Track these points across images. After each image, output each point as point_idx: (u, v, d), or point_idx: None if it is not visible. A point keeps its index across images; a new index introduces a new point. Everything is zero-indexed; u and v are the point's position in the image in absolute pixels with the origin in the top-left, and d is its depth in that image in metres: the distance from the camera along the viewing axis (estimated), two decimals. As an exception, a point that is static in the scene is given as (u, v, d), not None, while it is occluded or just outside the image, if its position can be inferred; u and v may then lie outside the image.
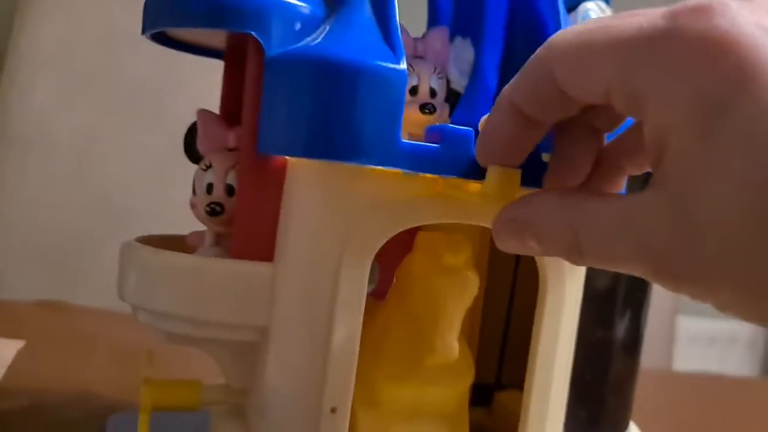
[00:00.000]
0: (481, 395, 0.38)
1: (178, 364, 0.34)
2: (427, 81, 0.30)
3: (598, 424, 0.33)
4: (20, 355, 0.49)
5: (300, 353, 0.27)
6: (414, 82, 0.29)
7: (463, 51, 0.30)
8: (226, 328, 0.27)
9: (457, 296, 0.28)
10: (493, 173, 0.24)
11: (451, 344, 0.28)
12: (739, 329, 1.41)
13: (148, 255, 0.28)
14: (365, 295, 0.26)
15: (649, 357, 1.09)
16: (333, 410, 0.26)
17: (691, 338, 1.31)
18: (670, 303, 1.13)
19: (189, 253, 0.29)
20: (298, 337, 0.27)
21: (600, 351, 0.33)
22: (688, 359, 1.17)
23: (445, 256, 0.28)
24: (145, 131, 0.80)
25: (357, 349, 0.26)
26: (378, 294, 0.31)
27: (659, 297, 1.16)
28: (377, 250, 0.26)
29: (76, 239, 0.77)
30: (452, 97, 0.30)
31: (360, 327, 0.26)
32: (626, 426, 0.35)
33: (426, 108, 0.29)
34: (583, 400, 0.33)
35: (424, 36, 0.31)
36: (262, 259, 0.27)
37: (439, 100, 0.30)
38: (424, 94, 0.29)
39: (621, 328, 0.34)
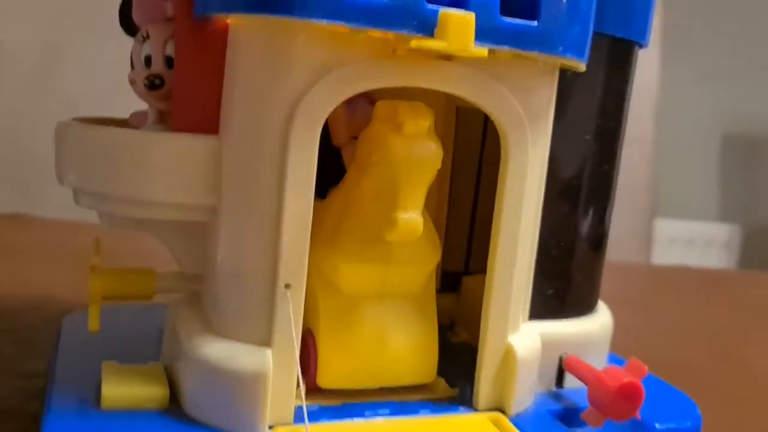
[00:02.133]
0: (451, 283, 0.38)
1: (130, 259, 0.32)
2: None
3: (564, 302, 0.33)
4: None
5: (251, 230, 0.25)
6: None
7: None
8: (171, 208, 0.26)
9: (419, 167, 0.26)
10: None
11: (413, 219, 0.26)
12: (717, 231, 1.43)
13: (85, 132, 0.26)
14: (316, 164, 0.25)
15: (626, 255, 1.10)
16: (287, 286, 0.25)
17: (669, 240, 1.33)
18: (647, 204, 1.13)
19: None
20: (249, 214, 0.25)
21: (566, 226, 0.32)
22: (666, 260, 1.18)
23: (405, 125, 0.26)
24: (107, 39, 0.77)
25: (310, 221, 0.25)
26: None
27: (637, 198, 1.16)
28: (326, 117, 0.24)
29: (41, 152, 0.75)
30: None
31: (312, 198, 0.25)
32: (594, 304, 0.35)
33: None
34: (550, 278, 0.32)
35: None
36: (205, 133, 0.25)
37: None
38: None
39: (588, 209, 0.33)
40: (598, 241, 0.34)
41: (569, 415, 0.30)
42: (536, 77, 0.28)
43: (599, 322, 0.34)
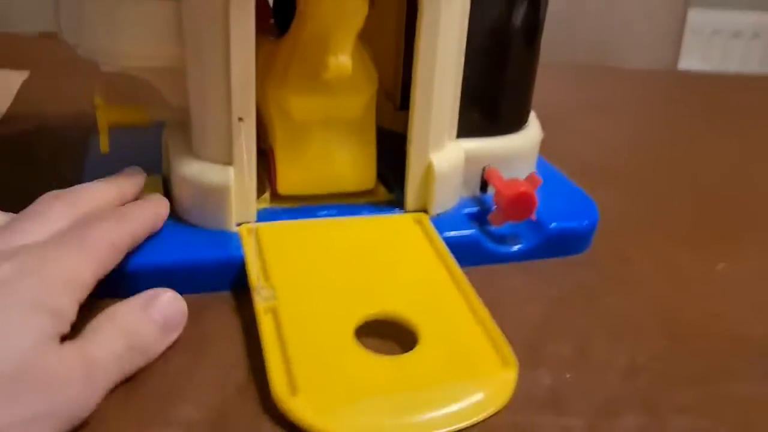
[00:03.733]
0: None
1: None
2: None
3: (490, 123, 0.39)
4: (25, 85, 0.56)
5: (208, 77, 0.32)
6: None
7: None
8: (147, 58, 0.33)
9: (344, 18, 0.32)
10: None
11: (341, 62, 0.32)
12: (744, 20, 1.38)
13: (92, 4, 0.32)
14: (254, 14, 0.30)
15: (654, 55, 1.11)
16: (240, 119, 0.32)
17: (694, 31, 1.30)
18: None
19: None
20: (205, 63, 0.32)
21: (494, 50, 0.37)
22: (692, 54, 1.18)
23: None
24: None
25: (253, 69, 0.31)
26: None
27: None
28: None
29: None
30: None
31: (253, 45, 0.31)
32: (522, 123, 0.41)
33: None
34: (476, 103, 0.38)
35: None
36: (168, -3, 0.31)
37: None
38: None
39: (517, 18, 0.37)
40: (525, 70, 0.39)
41: (481, 216, 0.37)
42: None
43: (525, 138, 0.40)
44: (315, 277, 0.32)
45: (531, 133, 0.41)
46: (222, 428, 0.25)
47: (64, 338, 0.24)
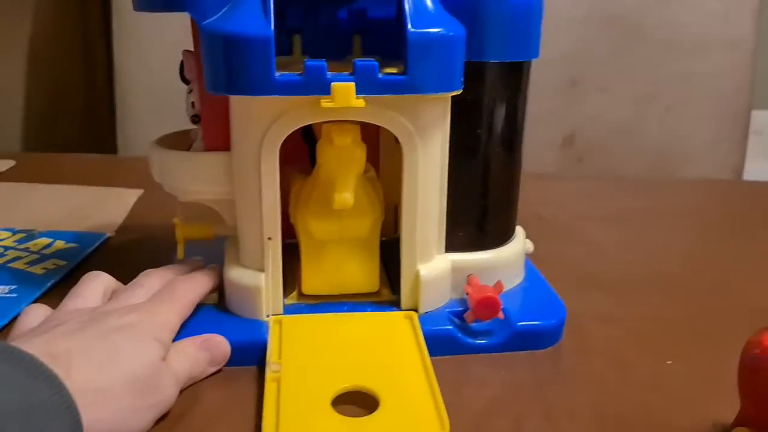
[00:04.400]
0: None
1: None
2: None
3: (475, 241, 0.48)
4: (139, 201, 0.71)
5: (248, 205, 0.44)
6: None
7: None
8: (209, 193, 0.45)
9: (345, 165, 0.43)
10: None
11: (344, 198, 0.43)
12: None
13: (159, 154, 0.46)
14: (278, 168, 0.42)
15: (720, 161, 1.16)
16: (270, 239, 0.44)
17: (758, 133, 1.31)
18: (743, 98, 1.14)
19: (191, 144, 0.47)
20: (246, 196, 0.44)
21: (469, 180, 0.47)
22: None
23: (335, 139, 0.42)
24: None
25: (278, 199, 0.43)
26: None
27: (730, 93, 1.17)
28: (282, 142, 0.42)
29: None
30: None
31: (278, 188, 0.43)
32: (506, 239, 0.50)
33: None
34: (461, 225, 0.47)
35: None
36: (222, 149, 0.44)
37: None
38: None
39: (495, 145, 0.47)
40: (506, 194, 0.49)
41: (461, 314, 0.46)
42: (425, 102, 0.43)
43: (509, 251, 0.49)
44: (315, 356, 0.42)
45: (514, 246, 0.50)
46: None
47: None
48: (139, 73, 1.09)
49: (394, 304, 0.47)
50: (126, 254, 0.60)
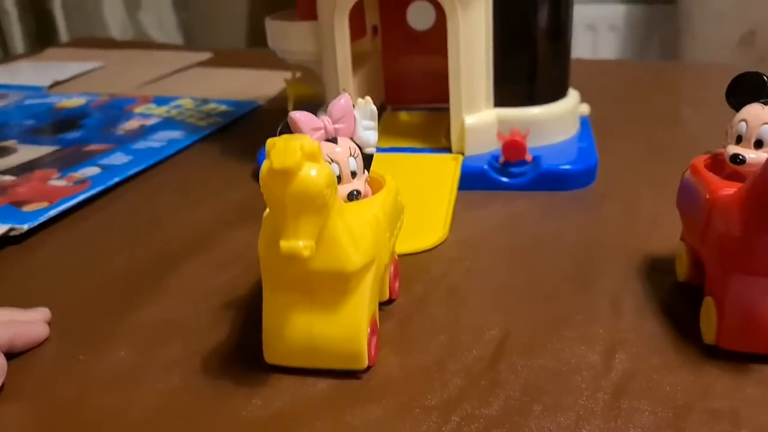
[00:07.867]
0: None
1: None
2: (347, 167, 0.33)
3: (524, 95, 0.55)
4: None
5: (329, 63, 0.56)
6: (336, 172, 0.32)
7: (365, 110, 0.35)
8: (304, 53, 0.58)
9: (290, 199, 0.27)
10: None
11: (292, 248, 0.28)
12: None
13: (270, 24, 0.59)
14: (348, 32, 0.53)
15: None
16: (344, 90, 0.55)
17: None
18: None
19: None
20: (328, 55, 0.56)
21: (516, 35, 0.53)
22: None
23: (274, 161, 0.27)
24: None
25: (349, 59, 0.54)
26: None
27: None
28: (350, 8, 0.53)
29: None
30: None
31: (348, 49, 0.54)
32: (558, 96, 0.56)
33: (352, 196, 0.33)
34: (509, 80, 0.55)
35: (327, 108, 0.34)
36: (311, 19, 0.56)
37: (360, 177, 0.34)
38: (346, 179, 0.33)
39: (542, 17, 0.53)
40: (556, 45, 0.55)
41: (498, 157, 0.55)
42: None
43: (555, 109, 0.56)
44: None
45: (561, 105, 0.57)
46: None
47: None
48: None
49: (448, 149, 0.57)
50: (271, 117, 0.75)
